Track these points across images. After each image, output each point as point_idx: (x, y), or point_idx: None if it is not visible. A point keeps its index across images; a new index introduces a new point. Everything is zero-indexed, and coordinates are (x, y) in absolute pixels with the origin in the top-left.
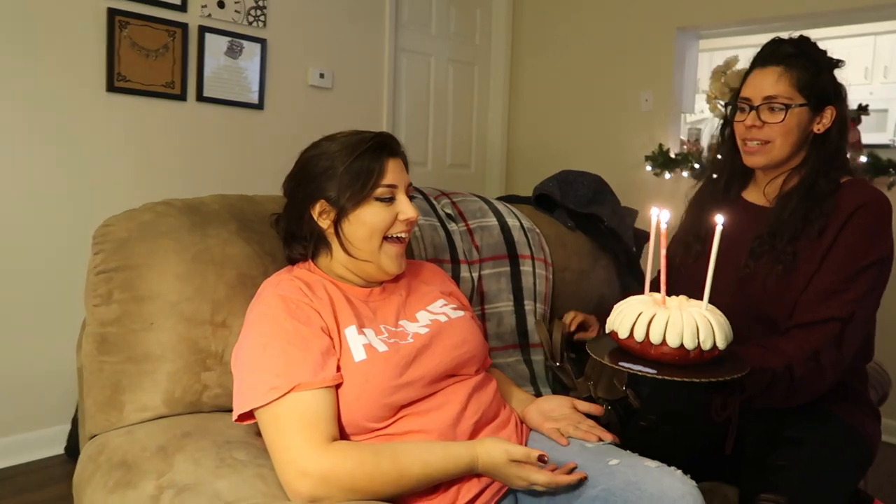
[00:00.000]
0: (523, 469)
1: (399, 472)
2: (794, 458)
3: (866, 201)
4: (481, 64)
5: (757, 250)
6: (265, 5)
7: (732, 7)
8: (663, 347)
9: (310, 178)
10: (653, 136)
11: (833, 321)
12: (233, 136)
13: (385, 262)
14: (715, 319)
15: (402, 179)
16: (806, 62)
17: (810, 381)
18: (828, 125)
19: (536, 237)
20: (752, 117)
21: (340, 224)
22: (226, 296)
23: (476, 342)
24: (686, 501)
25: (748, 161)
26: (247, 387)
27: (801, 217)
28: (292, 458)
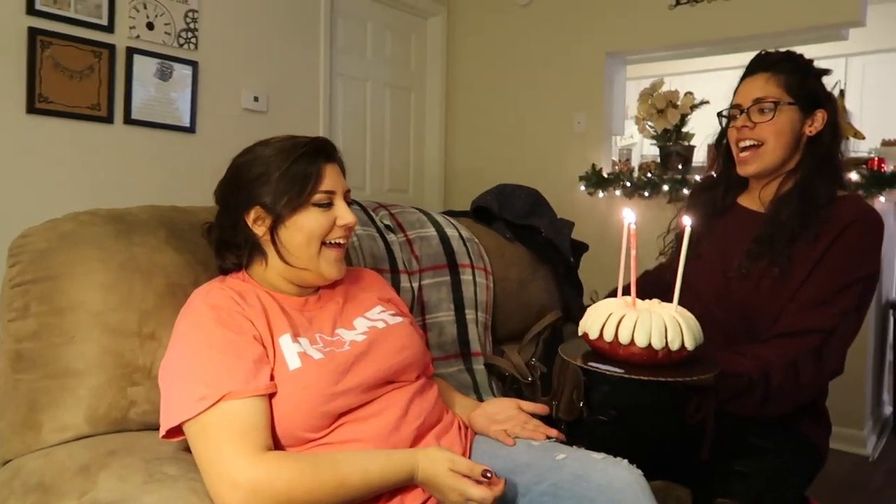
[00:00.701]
0: (461, 481)
1: (339, 481)
2: (757, 467)
3: (861, 217)
4: (417, 89)
5: (755, 251)
6: (196, 27)
7: (656, 33)
8: (632, 347)
9: (243, 184)
10: (586, 156)
11: (815, 332)
12: (163, 159)
13: (324, 268)
14: (684, 321)
15: (339, 185)
16: (792, 66)
17: (787, 390)
18: (819, 128)
19: (476, 247)
20: (743, 119)
21: (276, 231)
22: (154, 306)
23: (415, 348)
24: (633, 490)
25: (742, 170)
26: (174, 400)
27: (798, 221)
28: (222, 470)
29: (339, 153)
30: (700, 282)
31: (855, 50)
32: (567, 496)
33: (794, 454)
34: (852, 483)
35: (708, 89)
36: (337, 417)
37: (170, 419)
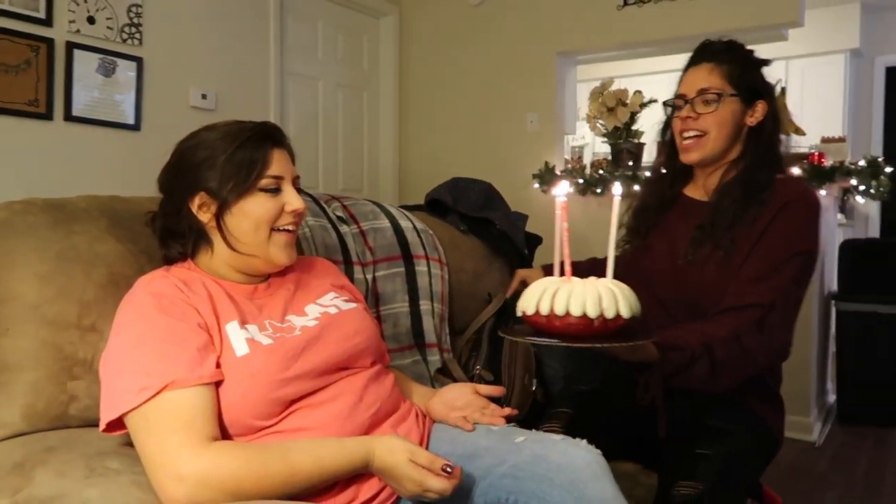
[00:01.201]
0: (421, 472)
1: (290, 470)
2: (716, 448)
3: (798, 196)
4: (370, 89)
5: (698, 238)
6: (140, 22)
7: (605, 34)
8: (568, 318)
9: (188, 170)
10: (539, 155)
11: (754, 307)
12: (107, 158)
13: (274, 253)
14: (619, 290)
15: (287, 170)
16: (735, 57)
17: (732, 363)
18: (760, 118)
19: (430, 238)
20: (688, 109)
21: (223, 217)
22: (95, 297)
23: (369, 333)
24: (592, 469)
25: (685, 157)
26: (115, 391)
27: (739, 206)
28: (166, 462)
29: (288, 139)
30: (651, 273)
31: (795, 53)
32: (526, 476)
33: (751, 436)
34: (800, 468)
35: (655, 91)
36: (289, 404)
37: (109, 412)
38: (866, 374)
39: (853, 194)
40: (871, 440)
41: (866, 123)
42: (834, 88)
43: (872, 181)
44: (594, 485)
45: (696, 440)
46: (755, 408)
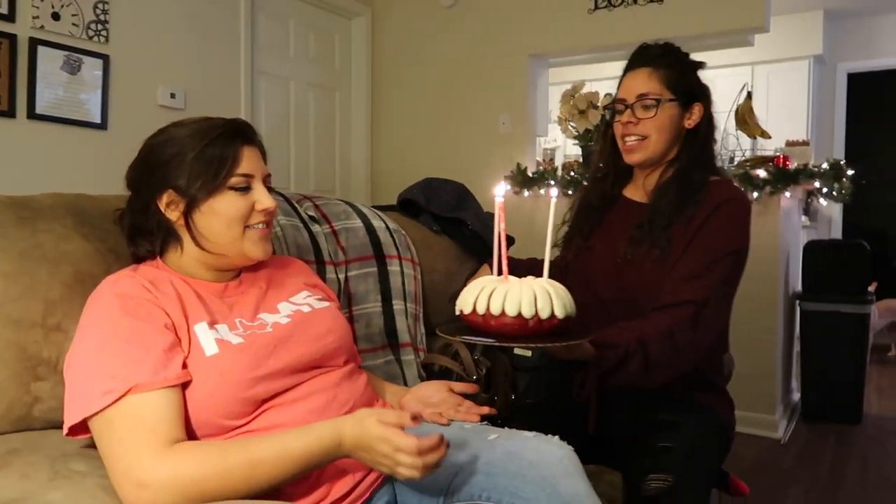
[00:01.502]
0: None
1: (250, 464)
2: (676, 440)
3: (730, 198)
4: (342, 89)
5: (637, 237)
6: (107, 20)
7: (576, 36)
8: (503, 318)
9: (155, 167)
10: (511, 156)
11: (688, 304)
12: (72, 157)
13: (248, 248)
14: (554, 290)
15: (258, 169)
16: (672, 61)
17: (666, 359)
18: (697, 121)
19: (402, 238)
20: (628, 115)
21: (191, 215)
22: (61, 296)
23: (342, 332)
24: (564, 464)
25: (628, 158)
26: (78, 395)
27: (675, 205)
28: (127, 469)
29: (259, 136)
30: (592, 273)
31: (760, 59)
32: (499, 473)
33: (705, 425)
34: (766, 464)
35: None
36: (261, 403)
37: (73, 415)
38: (829, 373)
39: (817, 196)
40: (834, 437)
41: (829, 128)
42: (798, 93)
43: (835, 183)
44: (566, 480)
45: (655, 434)
46: (702, 400)
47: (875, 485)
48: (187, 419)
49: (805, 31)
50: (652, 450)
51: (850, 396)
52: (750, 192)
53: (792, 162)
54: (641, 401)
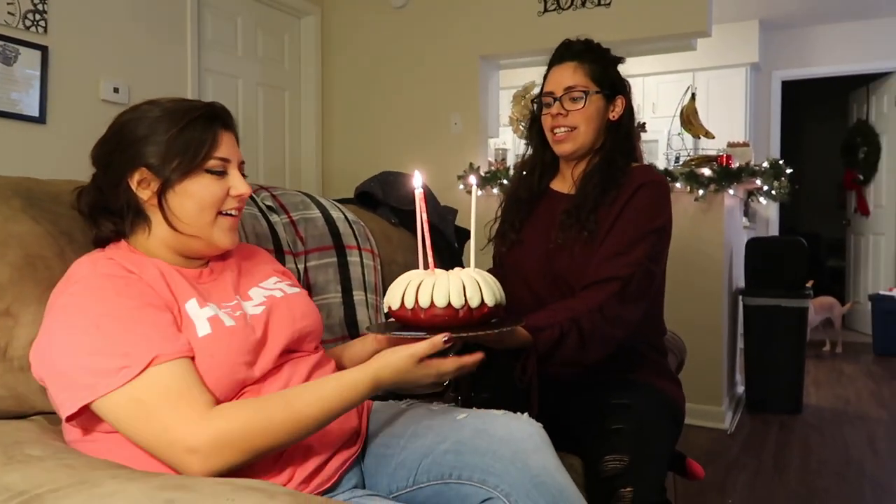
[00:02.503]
0: (431, 365)
1: (295, 417)
2: (627, 421)
3: (650, 180)
4: (292, 89)
5: (566, 223)
6: (45, 10)
7: (526, 38)
8: (432, 309)
9: (128, 143)
10: (464, 156)
11: (614, 280)
12: (8, 151)
13: (217, 236)
14: (482, 279)
15: (234, 154)
16: (595, 56)
17: (599, 334)
18: (620, 112)
19: (362, 229)
20: (557, 107)
21: (164, 195)
22: (10, 279)
23: (315, 317)
24: (534, 440)
25: (558, 149)
26: (81, 377)
27: (600, 189)
28: (174, 439)
29: (235, 123)
30: (525, 266)
31: (701, 65)
32: (469, 451)
33: (655, 407)
34: (714, 453)
35: None
36: (241, 388)
37: (81, 397)
38: (771, 365)
39: (756, 197)
40: (777, 426)
41: (765, 131)
42: (736, 98)
43: (775, 182)
44: (536, 455)
45: (607, 417)
46: (651, 382)
47: (816, 469)
48: None
49: (742, 40)
50: (605, 432)
51: (791, 388)
52: (695, 190)
53: (734, 161)
54: (593, 386)
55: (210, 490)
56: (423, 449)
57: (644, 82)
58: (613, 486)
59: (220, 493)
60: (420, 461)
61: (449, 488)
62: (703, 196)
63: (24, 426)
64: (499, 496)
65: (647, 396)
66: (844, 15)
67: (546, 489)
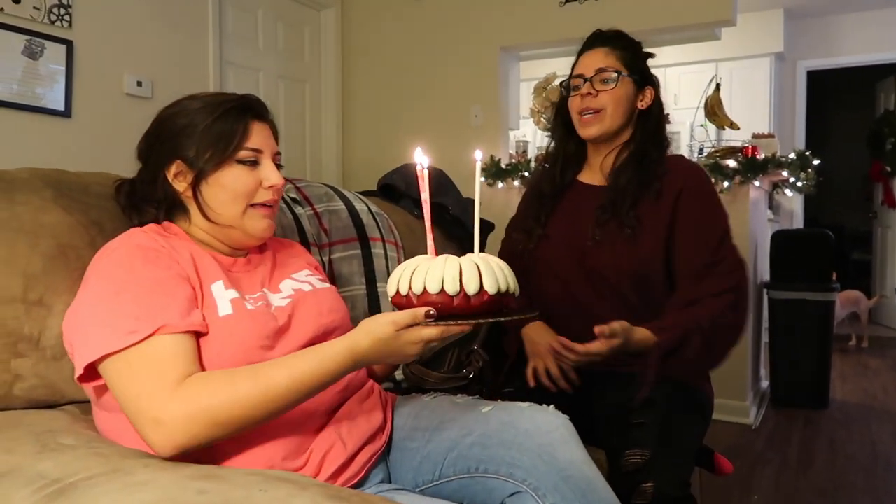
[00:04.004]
0: (412, 332)
1: (263, 389)
2: (651, 416)
3: (694, 172)
4: (312, 81)
5: (601, 219)
6: (70, 4)
7: (547, 29)
8: (426, 296)
9: (166, 137)
10: (484, 149)
11: (725, 293)
12: (35, 145)
13: (250, 226)
14: (484, 264)
15: (268, 145)
16: (626, 44)
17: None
18: (649, 103)
19: (385, 221)
20: (587, 87)
21: (199, 187)
22: (42, 269)
23: (343, 313)
24: (560, 432)
25: (584, 132)
26: (94, 335)
27: (637, 184)
28: (143, 407)
29: (271, 114)
30: (556, 261)
31: (724, 56)
32: (495, 444)
33: (683, 402)
34: (738, 448)
35: None
36: None
37: (89, 354)
38: (796, 360)
39: (781, 189)
40: (802, 421)
41: (790, 122)
42: (760, 89)
43: (801, 173)
44: (563, 448)
45: (632, 412)
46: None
47: (843, 466)
48: None
49: (766, 30)
50: (629, 427)
51: (817, 382)
52: (720, 182)
53: (760, 152)
54: (621, 379)
55: (241, 480)
56: (448, 442)
57: (666, 73)
58: (635, 481)
59: (252, 483)
60: (446, 455)
61: (475, 482)
62: (728, 188)
63: (56, 415)
64: (526, 490)
65: (674, 391)
66: (871, 2)
67: (574, 482)
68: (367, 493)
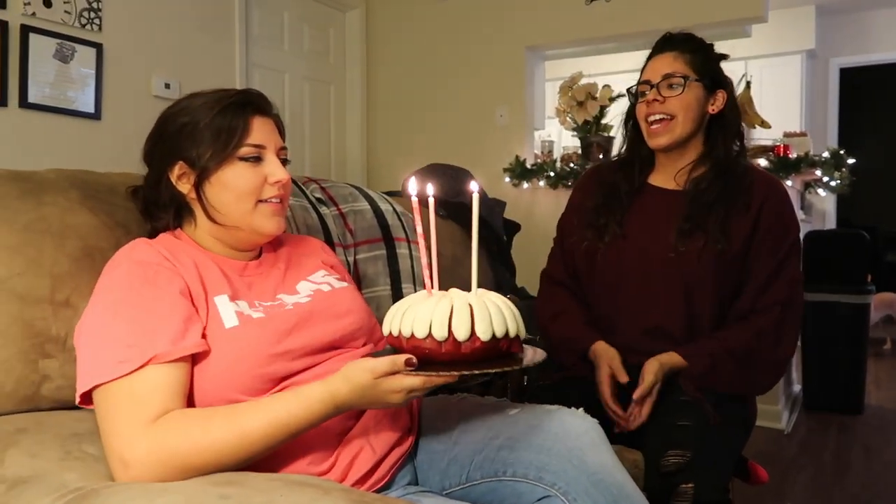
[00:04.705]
0: (394, 380)
1: (238, 433)
2: (694, 418)
3: (775, 182)
4: (337, 83)
5: (686, 229)
6: (100, 8)
7: (573, 28)
8: (413, 340)
9: (167, 138)
10: (510, 149)
11: (774, 306)
12: (66, 147)
13: (259, 223)
14: (480, 306)
15: (271, 140)
16: (696, 47)
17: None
18: (721, 107)
19: (410, 221)
20: (654, 93)
21: (202, 187)
22: (69, 270)
23: (362, 313)
24: (590, 436)
25: (653, 142)
26: (90, 362)
27: (723, 197)
28: (113, 446)
29: (275, 108)
30: (629, 262)
31: (754, 53)
32: (523, 447)
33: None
34: (770, 454)
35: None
36: (278, 381)
37: (84, 382)
38: (830, 364)
39: (814, 188)
40: (836, 427)
41: (822, 121)
42: (791, 87)
43: (835, 172)
44: (593, 452)
45: (673, 414)
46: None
47: (879, 473)
48: (202, 394)
49: (798, 26)
50: (670, 428)
51: (851, 387)
52: None
53: (792, 151)
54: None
55: (263, 485)
56: (475, 445)
57: None
58: (674, 482)
59: (274, 488)
60: (472, 457)
61: (503, 485)
62: None
63: (83, 416)
64: (556, 494)
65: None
66: None
67: (605, 487)
68: (392, 498)
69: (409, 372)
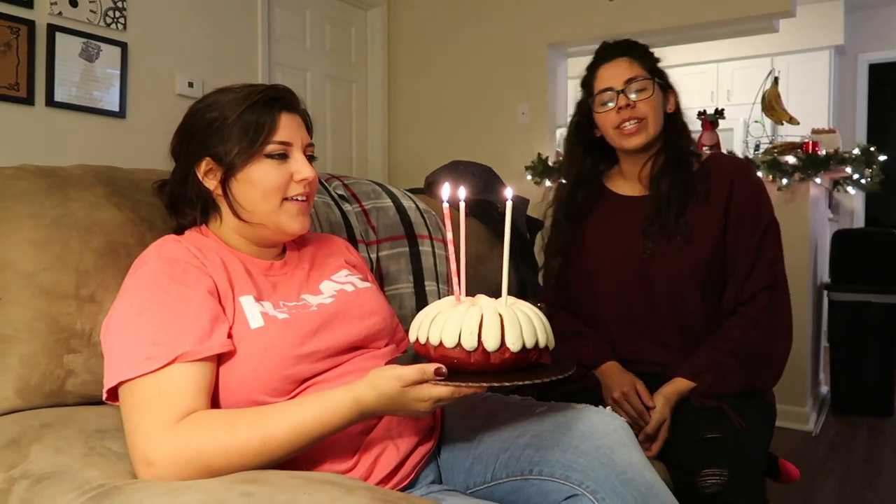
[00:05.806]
0: (421, 390)
1: (262, 437)
2: (723, 428)
3: (741, 167)
4: (359, 81)
5: (650, 231)
6: (125, 7)
7: (596, 25)
8: (441, 349)
9: (194, 133)
10: (531, 147)
11: (760, 292)
12: (91, 145)
13: (284, 222)
14: (510, 316)
15: (298, 137)
16: (644, 52)
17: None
18: (674, 107)
19: (433, 218)
20: (623, 99)
21: (228, 184)
22: (94, 266)
23: (385, 314)
24: (618, 434)
25: (628, 143)
26: (116, 358)
27: (681, 190)
28: (136, 443)
29: (303, 104)
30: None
31: (781, 49)
32: (550, 445)
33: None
34: (798, 456)
35: None
36: (301, 382)
37: (111, 378)
38: (859, 365)
39: (843, 186)
40: (865, 429)
41: (850, 118)
42: (819, 84)
43: (866, 169)
44: (621, 450)
45: (696, 426)
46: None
47: None
48: (227, 394)
49: (826, 21)
50: (701, 441)
51: (881, 389)
52: (778, 179)
53: (821, 148)
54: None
55: (286, 483)
56: (500, 443)
57: (718, 68)
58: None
59: (296, 486)
60: (498, 456)
61: (529, 484)
62: (787, 185)
63: (106, 412)
64: (584, 493)
65: (742, 398)
66: None
67: (634, 486)
68: (416, 497)
69: (438, 382)
